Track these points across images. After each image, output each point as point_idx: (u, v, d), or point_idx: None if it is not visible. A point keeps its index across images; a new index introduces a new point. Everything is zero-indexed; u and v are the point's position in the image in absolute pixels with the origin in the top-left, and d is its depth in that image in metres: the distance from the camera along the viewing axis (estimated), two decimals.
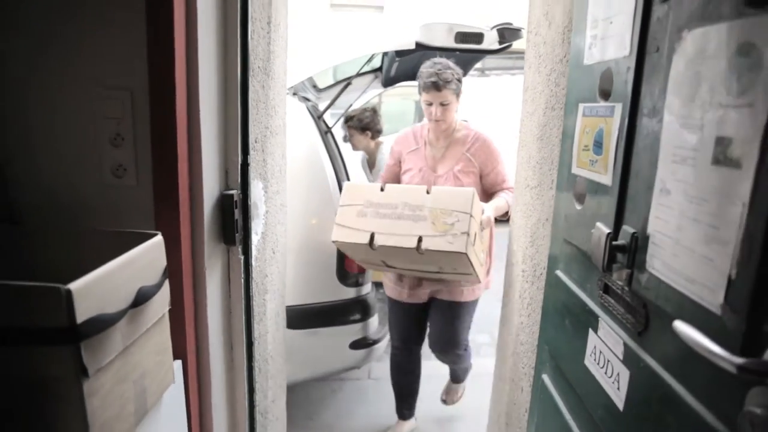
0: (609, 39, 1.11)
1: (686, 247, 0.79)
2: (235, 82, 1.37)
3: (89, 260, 0.94)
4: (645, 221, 0.92)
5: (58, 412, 0.87)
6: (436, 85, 2.20)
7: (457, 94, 2.28)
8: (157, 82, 1.16)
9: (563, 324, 1.30)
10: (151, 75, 1.16)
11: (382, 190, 2.03)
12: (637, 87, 0.98)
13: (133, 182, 1.26)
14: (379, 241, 1.94)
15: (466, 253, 1.82)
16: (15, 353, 0.84)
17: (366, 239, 1.95)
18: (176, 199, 1.25)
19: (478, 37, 2.65)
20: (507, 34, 2.65)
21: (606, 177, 1.08)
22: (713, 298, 0.72)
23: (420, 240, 1.87)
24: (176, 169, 1.23)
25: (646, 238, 0.91)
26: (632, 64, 0.99)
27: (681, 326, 0.71)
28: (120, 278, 0.97)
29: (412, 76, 2.98)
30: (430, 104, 2.26)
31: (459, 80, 2.27)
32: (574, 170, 1.26)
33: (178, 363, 1.31)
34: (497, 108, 6.74)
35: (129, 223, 1.25)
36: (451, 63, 2.29)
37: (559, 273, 1.35)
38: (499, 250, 2.41)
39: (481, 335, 3.76)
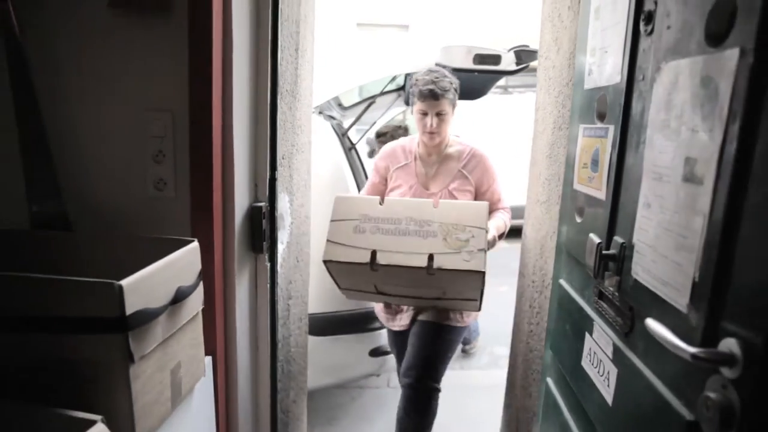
0: (604, 66, 1.21)
1: (662, 255, 0.88)
2: (265, 105, 1.51)
3: (133, 263, 1.07)
4: (631, 232, 1.01)
5: (107, 392, 1.00)
6: (433, 94, 2.03)
7: (454, 105, 2.12)
8: (196, 106, 1.31)
9: (565, 329, 1.39)
10: (191, 99, 1.31)
11: (381, 203, 1.85)
12: (627, 111, 1.09)
13: (173, 194, 1.40)
14: (382, 259, 1.73)
15: (484, 272, 1.67)
16: (73, 339, 0.98)
17: (366, 258, 1.73)
18: (210, 210, 1.39)
19: (495, 59, 2.77)
20: (524, 55, 2.76)
21: (600, 192, 1.18)
22: (681, 299, 0.81)
23: (431, 258, 1.69)
24: (211, 183, 1.36)
25: (632, 248, 1.00)
26: (623, 90, 1.10)
27: (651, 323, 0.80)
28: (162, 278, 1.10)
29: None
30: (425, 114, 2.08)
31: (456, 90, 2.12)
32: (575, 186, 1.36)
33: (209, 358, 1.43)
34: (519, 125, 6.82)
35: (168, 230, 1.39)
36: (447, 72, 2.16)
37: (562, 282, 1.44)
38: (505, 265, 2.45)
39: (500, 347, 3.83)
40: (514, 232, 2.28)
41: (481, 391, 3.18)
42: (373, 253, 1.74)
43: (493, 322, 3.56)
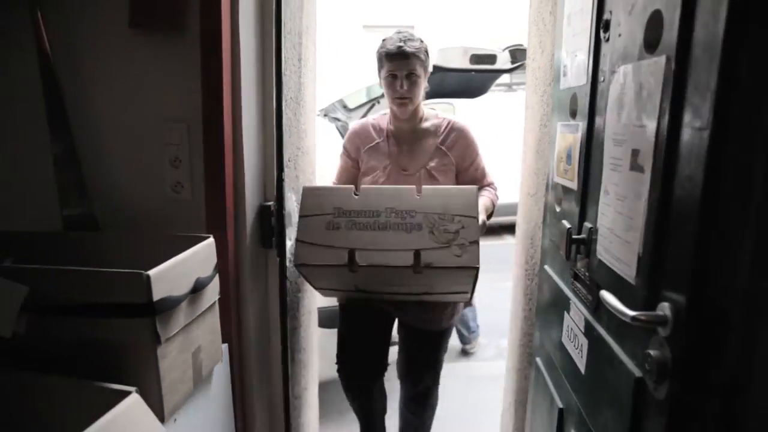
0: (575, 68, 1.33)
1: (617, 236, 1.01)
2: (272, 112, 1.65)
3: (156, 258, 1.21)
4: (596, 217, 1.14)
5: (138, 369, 1.15)
6: (402, 52, 1.80)
7: (426, 69, 1.88)
8: (209, 115, 1.45)
9: (549, 311, 1.51)
10: (204, 109, 1.45)
11: (356, 193, 1.66)
12: (592, 109, 1.21)
13: (189, 196, 1.55)
14: (362, 260, 1.56)
15: (479, 268, 1.53)
16: (108, 323, 1.12)
17: (344, 258, 1.57)
18: (224, 210, 1.53)
19: (491, 59, 2.89)
20: (518, 54, 2.89)
21: (573, 183, 1.30)
22: (630, 272, 0.94)
23: (417, 255, 1.53)
24: (224, 185, 1.51)
25: (597, 231, 1.13)
26: (588, 90, 1.22)
27: (603, 294, 0.93)
28: (183, 269, 1.25)
29: (433, 95, 3.23)
30: (395, 77, 1.83)
31: (427, 53, 1.88)
32: (555, 179, 1.48)
33: (225, 346, 1.57)
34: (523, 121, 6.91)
35: (185, 229, 1.53)
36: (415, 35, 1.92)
37: (546, 267, 1.57)
38: (507, 260, 2.44)
39: (504, 340, 3.94)
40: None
41: (486, 380, 3.29)
42: (351, 253, 1.57)
43: (499, 317, 3.67)
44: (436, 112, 2.03)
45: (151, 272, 1.12)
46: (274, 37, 1.61)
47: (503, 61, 2.85)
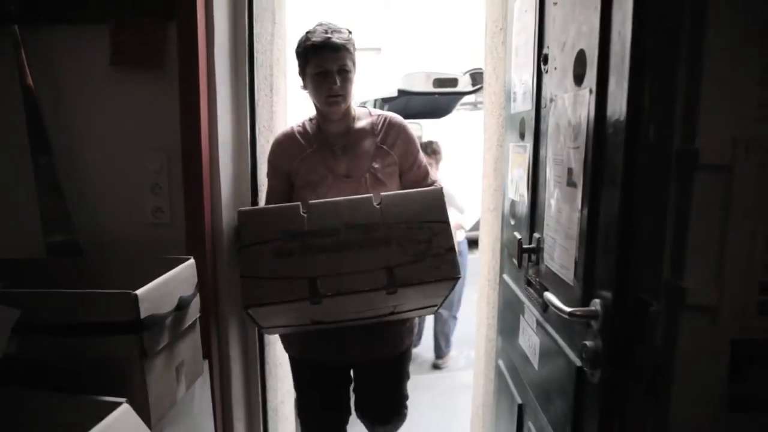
0: (522, 95, 1.48)
1: (559, 244, 1.14)
2: (246, 141, 1.76)
3: (139, 280, 1.30)
4: (543, 228, 1.27)
5: (127, 382, 1.23)
6: (332, 45, 1.57)
7: (354, 64, 1.66)
8: (187, 145, 1.56)
9: (507, 316, 1.64)
10: (183, 140, 1.56)
11: (304, 211, 1.43)
12: (537, 132, 1.35)
13: (168, 221, 1.64)
14: (326, 288, 1.34)
15: (459, 277, 1.41)
16: (99, 341, 1.20)
17: (304, 291, 1.34)
18: (203, 233, 1.63)
19: (453, 82, 3.06)
20: (478, 77, 3.07)
21: (524, 198, 1.44)
22: (569, 275, 1.07)
23: (391, 273, 1.35)
24: (202, 210, 1.61)
25: (543, 241, 1.26)
26: (533, 115, 1.37)
27: (547, 295, 1.06)
28: (167, 289, 1.34)
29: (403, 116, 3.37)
30: (325, 73, 1.59)
31: (354, 48, 1.67)
32: (509, 195, 1.62)
33: (206, 362, 1.65)
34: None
35: (166, 252, 1.62)
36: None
37: (504, 276, 1.70)
38: (477, 272, 2.55)
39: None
40: None
41: (458, 390, 3.41)
42: (312, 282, 1.34)
43: (470, 329, 3.80)
44: (367, 109, 1.81)
45: (139, 291, 1.21)
46: (247, 70, 1.73)
47: (464, 84, 3.02)
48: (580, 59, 1.03)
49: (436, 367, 3.78)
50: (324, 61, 1.58)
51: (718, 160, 0.89)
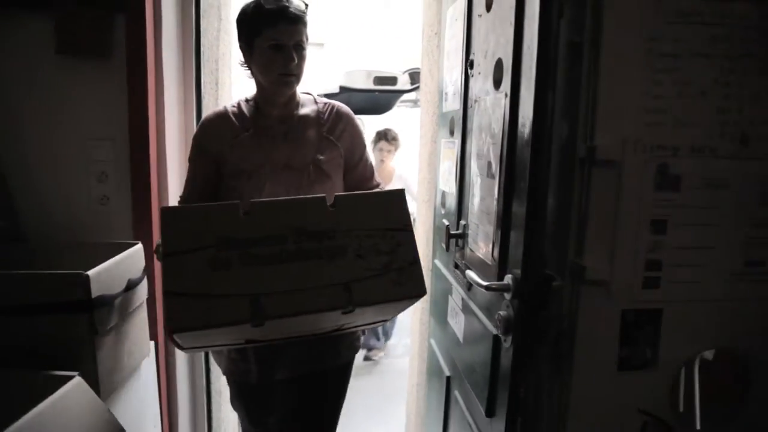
0: (452, 96, 1.63)
1: (481, 229, 1.29)
2: (193, 129, 1.82)
3: (86, 264, 1.35)
4: (468, 216, 1.42)
5: (79, 358, 1.29)
6: (290, 16, 1.35)
7: (307, 41, 1.43)
8: (135, 133, 1.62)
9: (438, 297, 1.79)
10: (131, 128, 1.62)
11: (246, 213, 1.14)
12: (464, 129, 1.50)
13: (115, 208, 1.69)
14: (272, 308, 1.09)
15: (425, 294, 1.22)
16: (50, 319, 1.26)
17: (245, 312, 1.07)
18: (149, 219, 1.69)
19: (392, 80, 3.20)
20: (416, 76, 3.21)
21: (453, 189, 1.59)
22: (488, 256, 1.22)
23: (348, 289, 1.13)
24: (149, 198, 1.67)
25: (468, 226, 1.41)
26: (461, 114, 1.51)
27: (468, 273, 1.21)
28: (116, 271, 1.41)
29: None
30: (280, 48, 1.36)
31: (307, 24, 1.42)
32: (440, 186, 1.77)
33: (152, 342, 1.72)
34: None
35: (112, 238, 1.67)
36: None
37: (436, 261, 1.85)
38: None
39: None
40: None
41: (396, 375, 3.56)
42: (255, 301, 1.08)
43: (406, 317, 3.95)
44: (312, 95, 1.58)
45: (90, 272, 1.27)
46: (194, 63, 1.80)
47: (404, 83, 3.17)
48: (499, 66, 1.18)
49: (367, 359, 3.81)
50: (279, 33, 1.35)
51: (612, 156, 1.06)
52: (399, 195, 1.24)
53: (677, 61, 1.07)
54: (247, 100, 1.53)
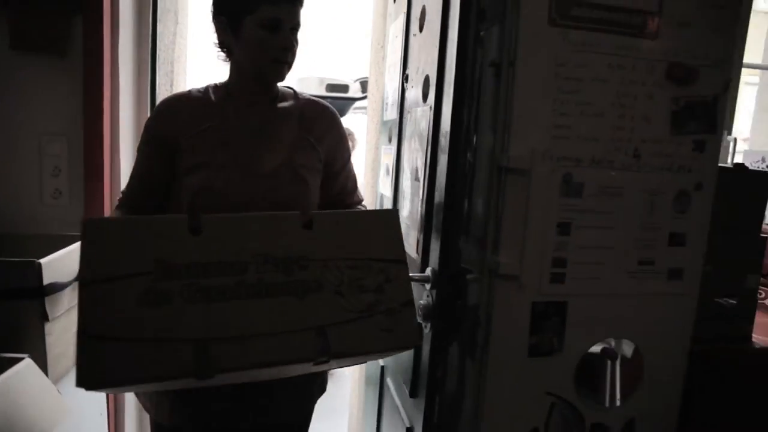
0: (391, 106, 1.77)
1: (410, 227, 1.43)
2: None
3: (38, 254, 1.42)
4: (401, 216, 1.56)
5: (30, 343, 1.36)
6: None
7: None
8: (89, 130, 1.69)
9: None
10: (86, 125, 1.69)
11: (195, 231, 0.89)
12: (400, 137, 1.64)
13: (67, 202, 1.76)
14: (226, 360, 0.85)
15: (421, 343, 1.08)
16: (3, 305, 1.33)
17: (187, 364, 0.84)
18: (102, 213, 1.76)
19: (344, 88, 3.33)
20: (366, 85, 3.35)
21: (389, 192, 1.73)
22: (415, 252, 1.36)
23: (323, 335, 0.90)
24: (102, 191, 1.74)
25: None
26: (397, 123, 1.66)
27: None
28: (68, 260, 1.48)
29: None
30: (277, 26, 1.16)
31: None
32: (380, 190, 1.91)
33: None
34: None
35: (65, 231, 1.73)
36: None
37: None
38: None
39: None
40: None
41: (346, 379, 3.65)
42: (201, 349, 0.84)
43: None
44: (293, 90, 1.36)
45: (43, 260, 1.35)
46: (150, 65, 1.89)
47: (355, 91, 3.31)
48: (426, 82, 1.32)
49: None
50: (279, 10, 1.15)
51: (523, 165, 1.21)
52: (391, 216, 1.02)
53: (580, 85, 1.23)
54: (217, 86, 1.28)
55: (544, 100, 1.20)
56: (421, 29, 1.42)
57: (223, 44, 1.24)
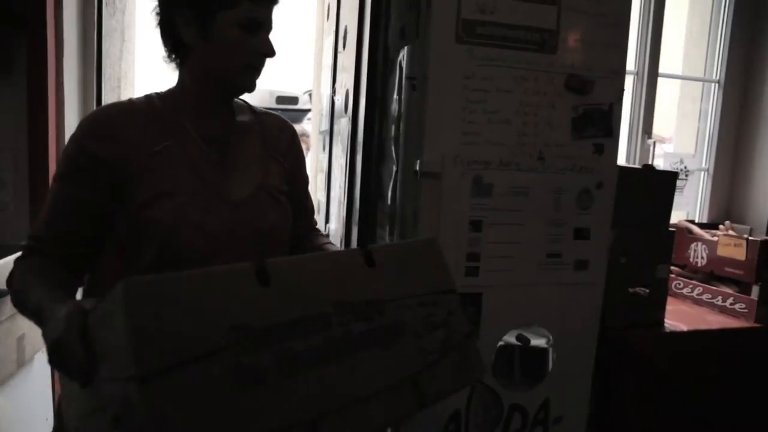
0: (325, 117, 1.89)
1: (339, 227, 1.55)
2: None
3: None
4: (332, 218, 1.68)
5: None
6: None
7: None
8: (35, 143, 1.75)
9: None
10: (30, 139, 1.75)
11: (264, 281, 0.68)
12: (331, 144, 1.76)
13: (12, 211, 1.81)
14: None
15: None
16: None
17: None
18: None
19: (294, 100, 3.43)
20: None
21: (323, 194, 1.85)
22: (339, 244, 1.48)
23: (417, 385, 0.80)
24: None
25: (332, 229, 1.67)
26: (328, 132, 1.77)
27: None
28: (10, 268, 1.53)
29: None
30: (256, 27, 0.98)
31: None
32: (318, 196, 2.02)
33: None
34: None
35: (10, 242, 1.78)
36: None
37: None
38: None
39: None
40: None
41: None
42: (312, 430, 0.67)
43: None
44: (246, 103, 1.15)
45: None
46: (95, 81, 1.96)
47: (304, 102, 3.42)
48: (347, 96, 1.45)
49: None
50: (261, 10, 0.98)
51: (436, 169, 1.33)
52: (435, 245, 0.93)
53: (486, 95, 1.37)
54: (161, 95, 1.03)
55: (454, 109, 1.33)
56: (344, 47, 1.54)
57: (179, 45, 1.00)
